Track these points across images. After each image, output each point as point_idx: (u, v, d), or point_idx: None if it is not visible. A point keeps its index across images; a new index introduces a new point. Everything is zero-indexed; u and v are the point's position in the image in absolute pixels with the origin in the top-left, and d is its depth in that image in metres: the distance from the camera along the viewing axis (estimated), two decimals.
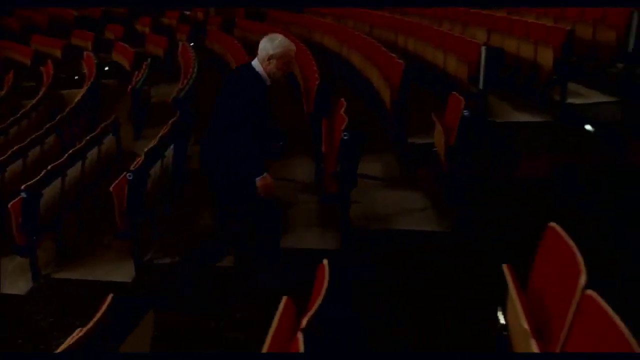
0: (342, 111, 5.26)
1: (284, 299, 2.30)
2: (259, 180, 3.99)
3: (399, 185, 5.70)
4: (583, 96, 6.97)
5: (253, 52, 4.16)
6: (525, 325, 2.03)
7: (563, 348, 1.91)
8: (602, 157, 5.37)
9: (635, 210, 4.48)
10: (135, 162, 5.21)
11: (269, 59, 3.90)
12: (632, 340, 1.61)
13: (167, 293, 4.49)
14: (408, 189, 5.54)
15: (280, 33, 4.24)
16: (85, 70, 13.00)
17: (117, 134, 7.50)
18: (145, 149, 5.39)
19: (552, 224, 2.40)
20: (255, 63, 3.97)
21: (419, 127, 6.09)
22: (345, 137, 4.64)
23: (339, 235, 4.89)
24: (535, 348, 1.92)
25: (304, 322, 2.04)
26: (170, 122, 6.29)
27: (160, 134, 5.89)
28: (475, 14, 9.92)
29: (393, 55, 7.51)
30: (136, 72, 10.49)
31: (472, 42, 7.30)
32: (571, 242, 2.18)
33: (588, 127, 6.09)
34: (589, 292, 1.88)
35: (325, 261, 2.45)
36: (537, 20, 8.50)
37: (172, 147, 5.86)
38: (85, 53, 14.17)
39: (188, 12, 19.70)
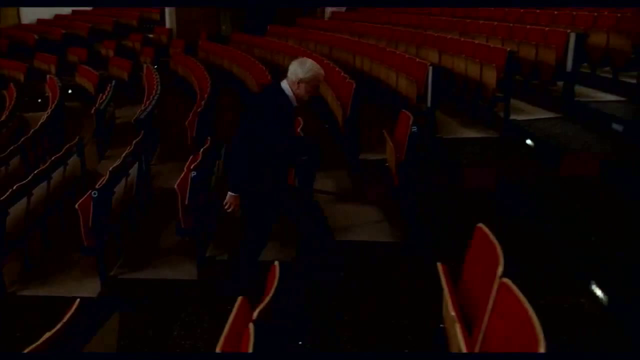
0: (298, 129, 5.52)
1: (240, 298, 2.53)
2: (231, 196, 4.12)
3: (353, 200, 5.97)
4: (526, 112, 7.38)
5: (217, 74, 4.41)
6: (452, 312, 2.29)
7: (485, 329, 2.17)
8: (539, 169, 5.74)
9: (566, 214, 4.85)
10: (100, 181, 5.38)
11: (298, 83, 4.02)
12: (534, 318, 1.87)
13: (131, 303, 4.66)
14: (362, 203, 5.80)
15: (242, 55, 4.49)
16: (49, 93, 13.07)
17: (82, 155, 7.64)
18: (110, 168, 5.58)
19: (480, 225, 2.67)
20: (284, 85, 4.09)
21: (373, 144, 6.38)
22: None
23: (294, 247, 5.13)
24: (459, 331, 2.18)
25: (255, 314, 2.27)
26: (134, 142, 6.48)
27: (124, 154, 6.07)
28: (429, 36, 10.31)
29: (345, 75, 7.83)
30: (101, 94, 10.63)
31: (421, 62, 7.64)
32: (494, 239, 2.45)
33: (529, 141, 6.45)
34: (504, 279, 2.15)
35: (276, 262, 2.69)
36: (487, 41, 8.91)
37: (136, 165, 6.04)
38: (48, 76, 14.24)
39: (151, 35, 19.88)
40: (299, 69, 4.03)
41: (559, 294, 3.84)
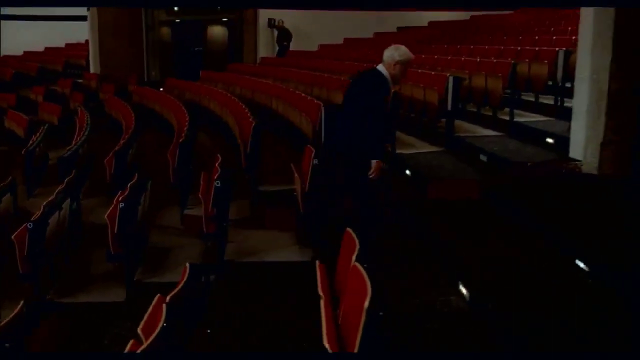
0: (217, 164, 6.22)
1: (158, 296, 3.20)
2: (376, 162, 4.90)
3: (262, 226, 6.68)
4: (414, 147, 8.41)
5: (150, 116, 5.09)
6: (320, 293, 3.01)
7: (343, 300, 2.89)
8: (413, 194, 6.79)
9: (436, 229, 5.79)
10: (35, 214, 5.91)
11: (395, 64, 4.90)
12: (368, 283, 2.60)
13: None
14: (272, 228, 6.52)
15: (173, 99, 5.21)
16: None
17: (14, 193, 8.09)
18: (44, 203, 6.12)
19: (348, 229, 3.43)
20: (380, 68, 4.95)
21: (288, 175, 7.16)
22: (217, 185, 5.62)
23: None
24: (322, 305, 2.89)
25: (168, 298, 2.93)
26: (66, 179, 7.04)
27: (57, 190, 6.62)
28: (335, 79, 11.36)
29: (248, 115, 8.82)
30: (33, 136, 11.08)
31: (317, 103, 8.62)
32: (354, 236, 3.21)
33: (407, 172, 7.45)
34: (356, 264, 2.89)
35: (187, 264, 3.36)
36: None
37: (68, 200, 6.58)
38: None
39: (80, 80, 20.25)
40: (395, 53, 4.92)
41: (432, 293, 4.62)
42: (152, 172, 7.64)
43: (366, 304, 2.45)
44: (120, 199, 5.81)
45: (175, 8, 21.86)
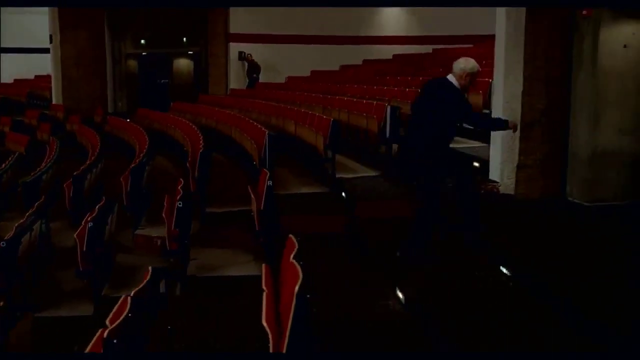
0: (179, 187, 6.73)
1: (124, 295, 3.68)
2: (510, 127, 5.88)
3: (216, 244, 7.19)
4: (354, 171, 9.11)
5: (118, 145, 5.58)
6: (264, 287, 3.53)
7: (282, 289, 3.42)
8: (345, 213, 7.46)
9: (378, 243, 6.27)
10: (8, 234, 6.35)
11: (465, 75, 5.54)
12: (300, 276, 3.14)
13: None
14: (233, 246, 7.02)
15: (139, 128, 5.73)
16: None
17: None
18: (16, 224, 6.56)
19: (290, 235, 3.96)
20: (451, 78, 5.60)
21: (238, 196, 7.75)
22: (179, 205, 6.13)
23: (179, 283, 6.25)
24: (264, 296, 3.40)
25: (132, 293, 3.43)
26: (36, 203, 7.47)
27: (28, 213, 7.05)
28: (288, 110, 12.07)
29: (201, 142, 9.44)
30: (2, 165, 11.48)
31: (259, 128, 9.28)
32: (295, 240, 3.75)
33: (343, 194, 8.08)
34: (292, 260, 3.43)
35: (150, 267, 3.85)
36: (323, 112, 10.99)
37: (39, 222, 7.02)
38: None
39: (47, 112, 20.55)
40: (466, 65, 5.57)
41: (373, 298, 5.17)
42: (116, 196, 8.09)
43: (296, 288, 2.98)
44: (89, 219, 6.27)
45: (142, 41, 22.41)
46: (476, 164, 8.22)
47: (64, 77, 20.17)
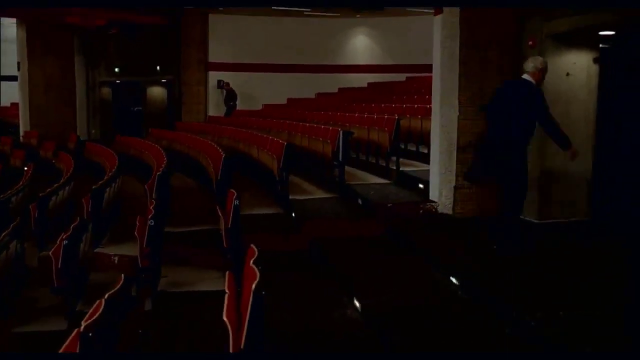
0: (152, 207, 7.08)
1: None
2: (570, 149, 6.16)
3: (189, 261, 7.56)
4: (309, 193, 9.59)
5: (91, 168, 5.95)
6: (226, 290, 3.89)
7: (243, 291, 3.78)
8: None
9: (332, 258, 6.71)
10: None
11: (538, 72, 6.09)
12: (257, 276, 3.51)
13: None
14: (200, 264, 7.36)
15: (113, 153, 6.09)
16: None
17: None
18: None
19: (252, 245, 4.34)
20: (526, 77, 6.12)
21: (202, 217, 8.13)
22: (151, 224, 6.47)
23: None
24: (226, 297, 3.77)
25: (106, 295, 3.76)
26: (12, 224, 7.73)
27: (4, 233, 7.32)
28: (257, 136, 12.54)
29: (163, 165, 9.88)
30: None
31: (220, 153, 9.90)
32: (255, 248, 4.12)
33: (293, 214, 8.61)
34: (251, 264, 3.81)
35: (122, 275, 4.19)
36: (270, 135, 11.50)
37: (14, 242, 7.29)
38: None
39: (21, 139, 20.72)
40: (538, 63, 6.13)
41: (331, 307, 5.54)
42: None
43: (253, 286, 3.35)
44: (64, 237, 6.57)
45: (116, 69, 22.75)
46: (421, 186, 8.72)
47: (31, 104, 20.38)
